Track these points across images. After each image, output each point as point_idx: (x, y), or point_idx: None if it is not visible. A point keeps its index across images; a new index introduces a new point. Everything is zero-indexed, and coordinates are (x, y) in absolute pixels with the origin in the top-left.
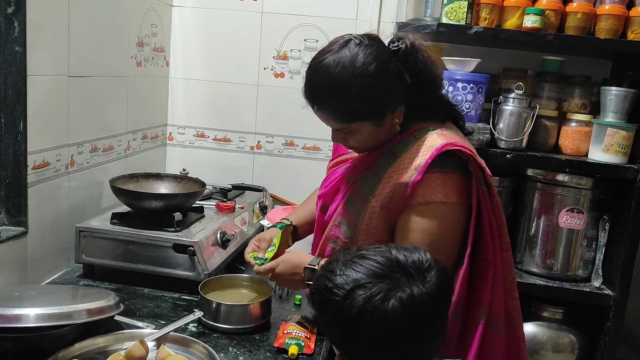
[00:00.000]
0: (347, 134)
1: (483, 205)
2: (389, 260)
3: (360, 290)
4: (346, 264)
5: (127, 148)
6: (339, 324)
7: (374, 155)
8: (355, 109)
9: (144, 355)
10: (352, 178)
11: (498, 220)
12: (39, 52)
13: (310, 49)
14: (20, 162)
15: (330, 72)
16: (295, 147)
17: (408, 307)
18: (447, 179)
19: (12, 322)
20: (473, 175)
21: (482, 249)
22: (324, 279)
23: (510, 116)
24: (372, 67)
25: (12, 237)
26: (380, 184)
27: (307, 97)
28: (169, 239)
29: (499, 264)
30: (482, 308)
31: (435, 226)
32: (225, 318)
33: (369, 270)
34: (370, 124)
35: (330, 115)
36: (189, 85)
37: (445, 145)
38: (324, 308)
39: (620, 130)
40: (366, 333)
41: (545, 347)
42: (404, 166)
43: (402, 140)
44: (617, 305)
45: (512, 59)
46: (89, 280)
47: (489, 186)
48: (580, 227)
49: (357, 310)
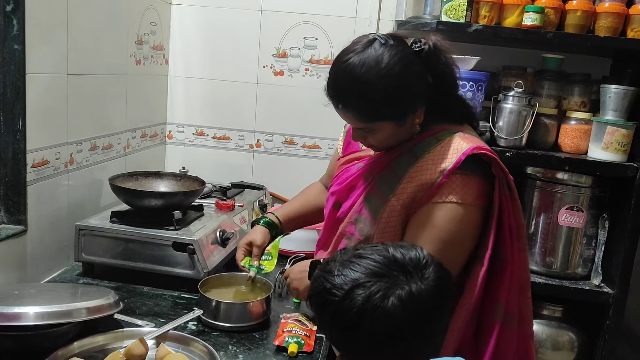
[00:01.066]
0: (368, 133)
1: (504, 207)
2: (386, 259)
3: (359, 289)
4: (344, 264)
5: (126, 146)
6: (338, 325)
7: (393, 154)
8: (380, 109)
9: (143, 354)
10: (369, 176)
11: (517, 223)
12: (38, 50)
13: (310, 46)
14: (20, 160)
15: (356, 72)
16: (294, 145)
17: (407, 304)
18: (467, 180)
19: (11, 321)
20: (496, 178)
21: (501, 250)
22: (322, 280)
23: (509, 114)
24: (397, 67)
25: (12, 235)
26: (402, 183)
27: (331, 95)
28: (168, 238)
29: (516, 264)
30: (499, 306)
31: (448, 226)
32: (225, 316)
33: (367, 270)
34: (392, 124)
35: (354, 114)
36: (188, 83)
37: (473, 149)
38: (322, 309)
39: (620, 128)
40: (367, 332)
41: (544, 345)
42: (427, 167)
43: (424, 141)
44: (616, 303)
45: (511, 57)
46: (89, 279)
47: (510, 189)
48: (580, 225)
49: (356, 309)
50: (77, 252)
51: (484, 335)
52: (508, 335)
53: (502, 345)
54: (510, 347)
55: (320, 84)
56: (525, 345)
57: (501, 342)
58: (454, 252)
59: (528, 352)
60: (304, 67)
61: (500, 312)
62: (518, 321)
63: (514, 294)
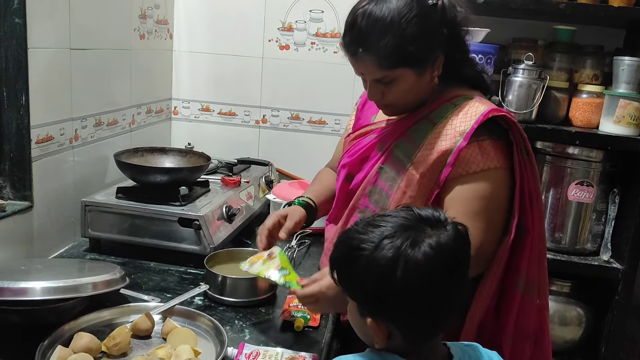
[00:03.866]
0: (387, 86)
1: (524, 174)
2: (411, 215)
3: (388, 240)
4: (369, 224)
5: (131, 122)
6: (372, 277)
7: (409, 122)
8: (402, 50)
9: (149, 328)
10: (383, 146)
11: (537, 190)
12: (39, 24)
13: (316, 20)
14: (24, 136)
15: (376, 12)
16: (301, 120)
17: (438, 250)
18: (498, 146)
19: (18, 295)
20: (514, 144)
21: (522, 218)
22: (349, 241)
23: (519, 87)
24: (417, 9)
25: (18, 211)
26: (420, 151)
27: (349, 42)
28: (174, 213)
29: (536, 233)
30: (521, 275)
31: (491, 192)
32: (231, 291)
33: (395, 224)
34: (412, 72)
35: (374, 59)
36: (193, 58)
37: (492, 110)
38: (352, 268)
39: (633, 102)
40: (402, 279)
41: (552, 320)
42: (445, 132)
43: (440, 107)
44: (625, 278)
45: (522, 29)
46: (96, 255)
47: (529, 155)
48: (590, 201)
49: (390, 257)
50: (84, 228)
51: (506, 308)
52: (529, 306)
53: (523, 317)
54: (531, 318)
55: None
56: (542, 316)
57: (522, 314)
58: (500, 219)
59: (544, 323)
60: (310, 41)
61: (521, 283)
62: (537, 291)
63: (533, 264)
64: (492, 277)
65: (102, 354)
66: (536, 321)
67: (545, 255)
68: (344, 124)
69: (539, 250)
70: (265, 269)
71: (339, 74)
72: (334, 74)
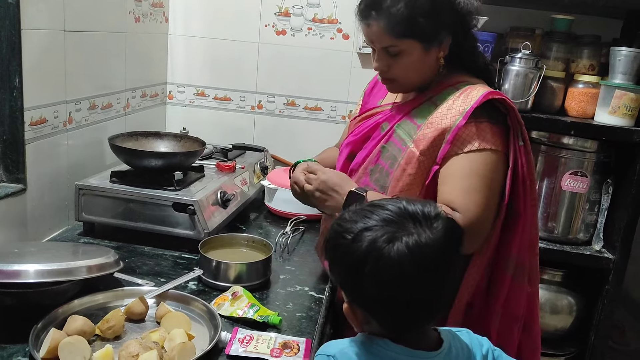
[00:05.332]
0: (394, 58)
1: (519, 158)
2: (399, 209)
3: (367, 232)
4: (357, 213)
5: (126, 106)
6: (346, 266)
7: (413, 104)
8: (412, 20)
9: (143, 312)
10: (387, 126)
11: (531, 176)
12: (33, 5)
13: (313, 5)
14: (17, 118)
15: None
16: (296, 107)
17: (414, 250)
18: (496, 129)
19: (11, 278)
20: (511, 129)
21: (514, 202)
22: (337, 226)
23: (516, 76)
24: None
25: (11, 194)
26: (421, 130)
27: (365, 6)
28: (168, 198)
29: (528, 217)
30: (511, 259)
31: (487, 172)
32: (225, 276)
33: (379, 217)
34: (419, 47)
35: (386, 24)
36: (189, 43)
37: (490, 93)
38: (334, 253)
39: (629, 92)
40: (371, 274)
41: (543, 308)
42: (445, 112)
43: (443, 91)
44: (616, 268)
45: (520, 18)
46: (89, 238)
47: (524, 141)
48: (583, 191)
49: (363, 250)
50: (78, 211)
51: (495, 290)
52: (518, 290)
53: (512, 300)
54: (520, 302)
55: (323, 44)
56: (532, 302)
57: (511, 297)
58: (495, 199)
59: (534, 310)
60: (307, 27)
61: (511, 266)
62: (528, 277)
63: (524, 248)
64: (481, 256)
65: (95, 337)
66: (525, 307)
67: (537, 242)
68: (340, 111)
69: (531, 236)
70: (235, 309)
71: (336, 61)
72: (331, 61)
